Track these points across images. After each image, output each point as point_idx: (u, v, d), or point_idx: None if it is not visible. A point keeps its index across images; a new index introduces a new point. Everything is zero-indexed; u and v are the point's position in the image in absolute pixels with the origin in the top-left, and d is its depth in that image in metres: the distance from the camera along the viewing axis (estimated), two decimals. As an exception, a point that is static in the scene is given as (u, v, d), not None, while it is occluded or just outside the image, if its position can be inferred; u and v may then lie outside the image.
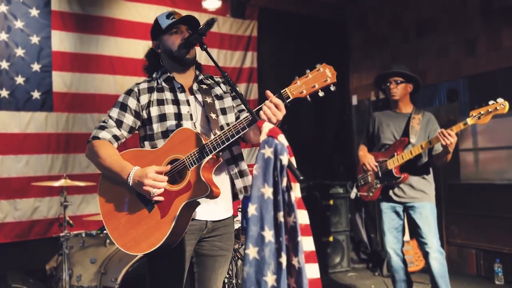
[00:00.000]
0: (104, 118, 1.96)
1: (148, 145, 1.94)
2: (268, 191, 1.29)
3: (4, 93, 4.01)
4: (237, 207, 2.72)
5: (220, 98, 2.04)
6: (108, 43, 4.53)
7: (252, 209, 1.28)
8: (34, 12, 4.17)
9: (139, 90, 1.96)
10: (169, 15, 1.97)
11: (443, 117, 4.79)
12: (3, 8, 4.03)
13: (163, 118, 1.91)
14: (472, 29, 4.74)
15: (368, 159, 3.34)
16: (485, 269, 4.56)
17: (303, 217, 1.31)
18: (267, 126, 1.38)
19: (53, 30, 4.24)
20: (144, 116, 1.94)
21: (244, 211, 2.42)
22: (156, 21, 2.00)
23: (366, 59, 6.04)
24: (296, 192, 1.31)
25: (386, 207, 3.33)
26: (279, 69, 5.57)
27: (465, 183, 4.84)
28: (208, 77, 2.11)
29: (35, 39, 4.17)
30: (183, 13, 1.99)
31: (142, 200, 1.83)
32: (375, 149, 3.45)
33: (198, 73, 2.07)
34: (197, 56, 2.03)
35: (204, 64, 2.18)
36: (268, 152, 1.32)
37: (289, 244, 1.26)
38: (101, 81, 4.48)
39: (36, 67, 4.16)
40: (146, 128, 1.95)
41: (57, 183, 3.45)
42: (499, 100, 2.81)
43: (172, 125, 1.90)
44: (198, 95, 1.99)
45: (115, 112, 1.94)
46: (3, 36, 4.03)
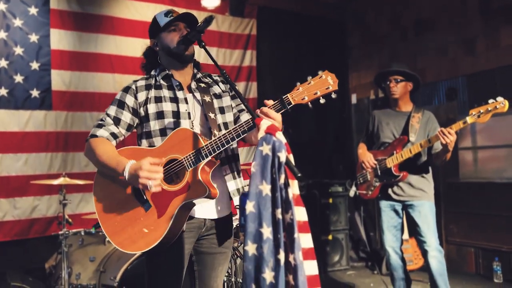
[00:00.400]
0: (102, 116, 1.95)
1: (145, 143, 1.93)
2: (266, 188, 1.29)
3: (3, 91, 4.01)
4: (234, 205, 2.72)
5: (218, 97, 2.03)
6: (107, 41, 4.53)
7: (250, 206, 1.29)
8: (33, 11, 4.16)
9: (136, 87, 1.95)
10: (167, 13, 1.97)
11: (442, 115, 4.79)
12: (2, 6, 4.02)
13: (160, 115, 1.90)
14: (471, 28, 4.74)
15: (367, 157, 3.33)
16: (484, 267, 4.56)
17: (301, 214, 1.31)
18: (265, 123, 1.38)
19: (52, 28, 4.23)
20: (141, 113, 1.93)
21: (242, 208, 2.41)
22: (155, 19, 2.00)
23: (365, 58, 6.03)
24: (294, 189, 1.31)
25: (385, 205, 3.33)
26: (278, 68, 5.58)
27: (464, 181, 4.85)
28: (206, 75, 2.11)
29: (34, 37, 4.16)
30: (181, 12, 1.98)
31: (139, 198, 1.83)
32: (374, 148, 3.44)
33: (196, 71, 2.06)
34: (196, 54, 2.03)
35: (203, 63, 2.18)
36: (266, 149, 1.32)
37: (287, 241, 1.26)
38: (100, 80, 4.47)
39: (35, 65, 4.16)
40: (143, 125, 1.94)
41: (56, 182, 3.45)
42: (499, 98, 2.80)
43: (170, 122, 1.89)
44: (197, 94, 1.98)
45: (112, 109, 1.94)
46: (1, 34, 4.02)
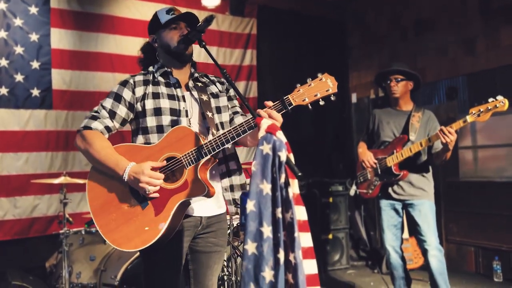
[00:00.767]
0: (97, 108, 1.91)
1: (141, 139, 1.91)
2: (266, 187, 1.30)
3: (4, 90, 4.01)
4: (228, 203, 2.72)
5: (216, 97, 2.03)
6: (108, 41, 4.53)
7: (251, 205, 1.29)
8: (33, 10, 4.17)
9: (134, 81, 1.93)
10: (169, 10, 1.96)
11: (442, 115, 4.80)
12: (2, 5, 4.02)
13: (158, 112, 1.88)
14: (471, 28, 4.74)
15: (367, 156, 3.34)
16: (484, 266, 4.57)
17: (301, 213, 1.31)
18: (265, 122, 1.38)
19: (52, 27, 4.23)
20: (138, 108, 1.91)
21: (243, 207, 2.42)
22: (155, 16, 1.99)
23: (365, 57, 6.03)
24: (294, 188, 1.32)
25: (385, 204, 3.34)
26: (278, 67, 5.58)
27: (464, 181, 4.85)
28: (203, 75, 2.11)
29: (34, 36, 4.16)
30: (182, 11, 1.98)
31: (136, 196, 1.80)
32: (374, 146, 3.45)
33: (193, 70, 2.05)
34: (196, 54, 2.03)
35: (204, 62, 2.18)
36: (267, 148, 1.32)
37: (286, 240, 1.27)
38: (101, 79, 4.47)
39: (35, 64, 4.16)
40: (139, 121, 1.92)
41: (56, 181, 3.45)
42: (499, 97, 2.80)
43: (167, 120, 1.88)
44: (194, 92, 1.98)
45: (108, 102, 1.90)
46: (2, 33, 4.03)
